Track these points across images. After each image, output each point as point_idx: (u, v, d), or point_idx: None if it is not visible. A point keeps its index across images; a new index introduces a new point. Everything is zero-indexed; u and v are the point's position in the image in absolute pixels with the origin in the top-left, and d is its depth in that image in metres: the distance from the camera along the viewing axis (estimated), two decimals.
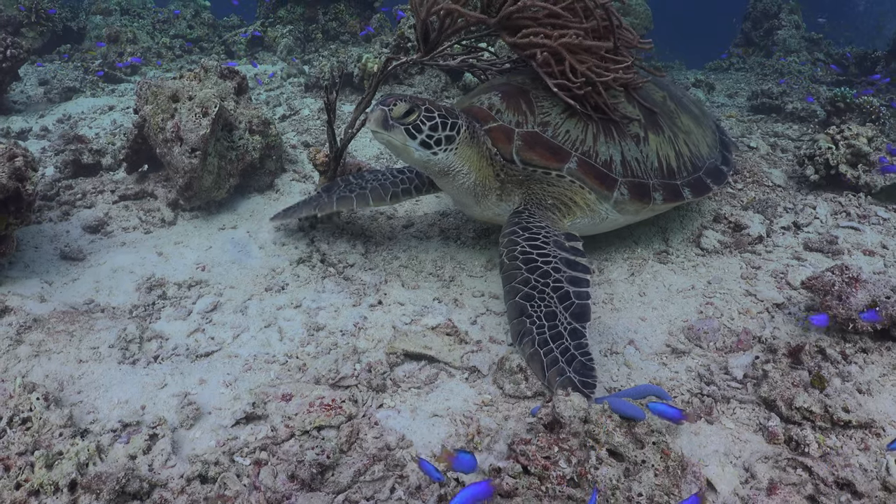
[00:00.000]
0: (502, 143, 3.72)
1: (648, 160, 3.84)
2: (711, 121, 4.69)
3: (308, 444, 2.64)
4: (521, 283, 3.17)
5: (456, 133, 3.53)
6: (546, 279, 3.17)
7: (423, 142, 3.45)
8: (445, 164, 3.59)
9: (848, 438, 2.61)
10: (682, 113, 4.24)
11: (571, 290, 3.14)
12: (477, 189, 3.77)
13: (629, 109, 3.91)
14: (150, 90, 4.90)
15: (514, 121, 3.76)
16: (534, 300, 3.09)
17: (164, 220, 4.95)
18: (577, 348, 2.92)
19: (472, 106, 3.92)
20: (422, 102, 3.47)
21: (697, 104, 4.77)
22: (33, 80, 9.14)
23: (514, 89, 3.90)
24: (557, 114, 3.75)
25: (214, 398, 3.06)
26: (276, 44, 10.75)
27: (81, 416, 2.91)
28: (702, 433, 2.69)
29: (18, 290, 3.92)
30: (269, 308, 3.84)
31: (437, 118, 3.45)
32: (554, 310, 3.06)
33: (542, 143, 3.68)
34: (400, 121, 3.40)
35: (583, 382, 2.77)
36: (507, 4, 3.67)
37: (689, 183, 3.96)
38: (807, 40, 12.24)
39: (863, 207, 4.68)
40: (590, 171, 3.68)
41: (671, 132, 4.02)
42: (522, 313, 3.07)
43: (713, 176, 4.11)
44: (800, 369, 2.91)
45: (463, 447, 2.64)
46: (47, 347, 3.37)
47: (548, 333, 2.97)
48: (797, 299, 3.59)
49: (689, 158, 4.03)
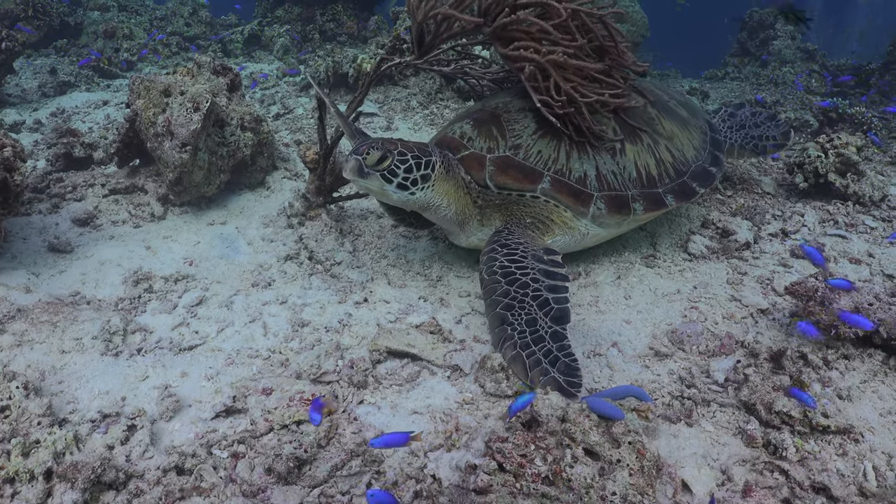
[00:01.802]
0: (475, 170, 3.75)
1: (626, 171, 3.83)
2: (702, 120, 4.64)
3: (286, 439, 2.64)
4: (501, 295, 3.22)
5: (431, 171, 3.56)
6: (525, 289, 3.21)
7: (400, 184, 3.50)
8: (424, 201, 3.62)
9: (826, 444, 2.61)
10: (665, 118, 4.21)
11: (550, 296, 3.18)
12: (458, 218, 3.81)
13: (605, 122, 3.88)
14: (142, 85, 4.90)
15: (485, 147, 3.79)
16: (514, 309, 3.14)
17: (153, 214, 4.94)
18: (559, 350, 2.93)
19: (445, 136, 3.98)
20: (394, 147, 3.49)
21: (687, 104, 4.71)
22: (28, 74, 9.13)
23: (487, 115, 3.94)
24: (529, 135, 3.78)
25: (195, 391, 3.06)
26: (273, 43, 10.76)
27: (61, 406, 2.90)
28: (681, 435, 2.69)
29: (4, 280, 3.91)
30: (255, 304, 3.84)
31: (411, 160, 3.48)
32: (534, 316, 3.09)
33: (514, 165, 3.70)
34: (375, 168, 3.44)
35: (568, 382, 2.78)
36: (501, 15, 3.68)
37: (672, 189, 3.94)
38: (802, 51, 12.29)
39: (851, 216, 4.69)
40: (563, 189, 3.69)
41: (651, 139, 3.99)
42: (503, 322, 3.11)
43: (700, 178, 4.09)
44: (781, 374, 2.92)
45: (441, 443, 2.63)
46: (30, 337, 3.36)
47: (529, 337, 3.00)
48: (782, 305, 3.60)
49: (671, 164, 4.01)
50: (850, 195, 4.84)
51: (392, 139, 3.69)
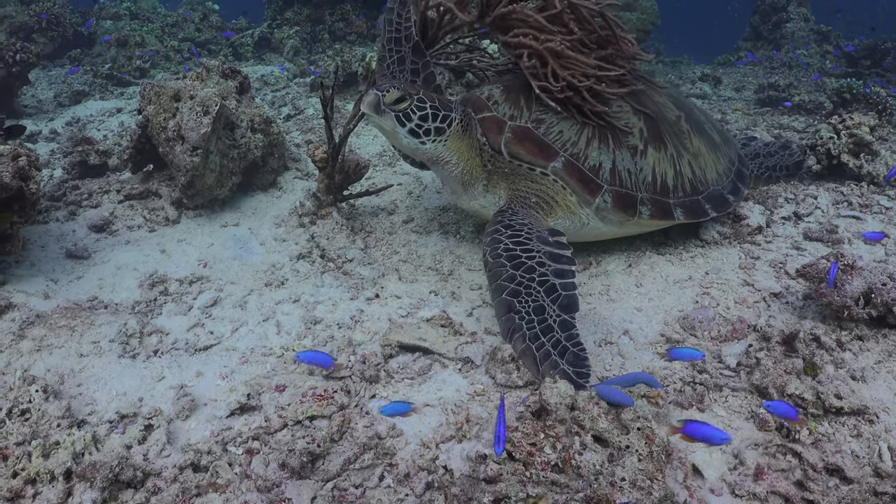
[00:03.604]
0: (493, 133, 3.74)
1: (642, 173, 3.78)
2: (734, 150, 4.51)
3: (299, 434, 2.67)
4: (506, 279, 3.14)
5: (447, 126, 3.61)
6: (531, 274, 3.14)
7: (412, 130, 3.56)
8: (434, 154, 3.68)
9: (840, 425, 2.60)
10: (696, 135, 4.11)
11: (557, 282, 3.12)
12: (464, 178, 3.83)
13: (632, 121, 3.84)
14: (152, 90, 4.97)
15: (508, 114, 3.77)
16: (520, 296, 3.06)
17: (168, 218, 5.00)
18: (568, 339, 2.91)
19: (472, 95, 4.00)
20: (416, 91, 3.55)
21: (722, 132, 4.60)
22: (44, 84, 9.28)
23: (518, 84, 3.91)
24: (554, 113, 3.75)
25: (210, 390, 3.10)
26: (283, 45, 10.83)
27: (80, 408, 2.96)
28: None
29: (23, 287, 3.98)
30: (268, 303, 3.88)
31: (429, 109, 3.53)
32: (542, 304, 3.04)
33: (532, 138, 3.69)
34: (391, 107, 3.50)
35: (577, 373, 2.77)
36: (500, 5, 3.69)
37: (683, 204, 3.86)
38: (816, 33, 12.12)
39: (865, 197, 4.63)
40: (574, 174, 3.66)
41: (675, 151, 3.92)
42: (510, 309, 3.04)
43: (714, 202, 3.99)
44: (793, 357, 2.90)
45: (452, 435, 2.65)
46: (49, 342, 3.43)
47: (538, 328, 2.95)
48: (795, 288, 3.57)
49: (690, 180, 3.93)
50: (863, 176, 4.79)
51: (417, 85, 3.72)
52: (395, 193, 5.34)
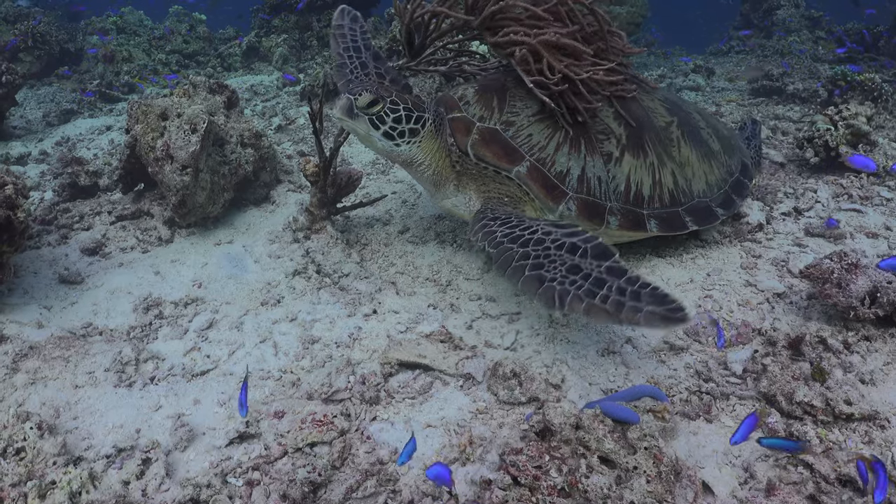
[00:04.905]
0: (460, 134, 3.70)
1: (614, 181, 3.65)
2: (736, 160, 4.26)
3: (300, 462, 2.62)
4: (521, 258, 2.86)
5: (420, 126, 3.63)
6: (543, 244, 2.90)
7: (387, 133, 3.59)
8: (409, 155, 3.71)
9: (851, 432, 2.55)
10: (688, 144, 3.95)
11: (575, 240, 2.88)
12: (434, 178, 3.84)
13: (610, 126, 3.72)
14: (139, 109, 4.90)
15: (478, 115, 3.72)
16: (544, 267, 2.76)
17: (161, 238, 4.94)
18: (631, 283, 2.55)
19: (447, 94, 3.96)
20: (388, 94, 3.56)
21: (727, 140, 4.36)
22: (32, 104, 9.20)
23: (495, 85, 3.85)
24: (527, 116, 3.68)
25: (209, 418, 3.05)
26: (272, 53, 10.75)
27: (76, 443, 2.90)
28: (700, 432, 2.64)
29: (16, 317, 3.93)
30: (265, 323, 3.82)
31: (402, 111, 3.55)
32: (575, 263, 2.74)
33: (499, 141, 3.62)
34: (364, 110, 3.52)
35: (669, 311, 2.38)
36: (489, 4, 3.62)
37: (659, 215, 3.71)
38: (807, 19, 12.05)
39: (865, 188, 4.58)
40: (538, 179, 3.56)
41: (657, 159, 3.77)
42: (542, 281, 2.70)
43: (696, 215, 3.81)
44: (800, 361, 2.84)
45: (456, 457, 2.60)
46: (43, 374, 3.37)
47: (587, 284, 2.59)
48: (798, 287, 3.52)
49: (669, 190, 3.77)
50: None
51: (389, 87, 3.71)
52: (390, 203, 5.28)
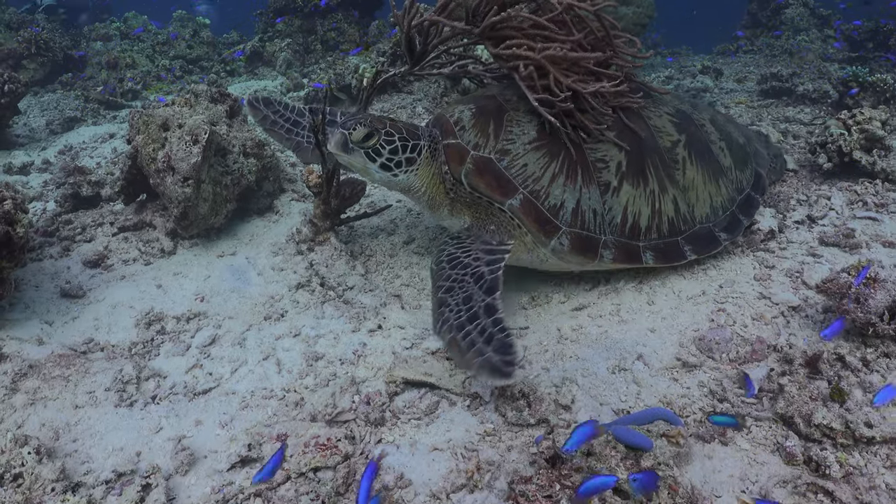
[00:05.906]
0: (454, 162, 3.63)
1: (610, 213, 3.57)
2: (749, 171, 4.13)
3: (304, 488, 2.55)
4: (444, 279, 3.19)
5: (417, 154, 3.62)
6: (465, 269, 3.21)
7: (384, 164, 3.58)
8: (407, 184, 3.70)
9: (872, 455, 2.46)
10: (694, 164, 3.82)
11: (486, 269, 3.17)
12: (430, 203, 3.82)
13: (610, 153, 3.62)
14: (141, 119, 4.84)
15: (473, 142, 3.63)
16: (454, 291, 3.10)
17: (163, 249, 4.88)
18: (494, 325, 2.82)
19: (443, 115, 3.87)
20: (382, 125, 3.53)
21: (742, 149, 4.21)
22: (36, 112, 9.17)
23: (492, 106, 3.75)
24: (523, 143, 3.58)
25: (210, 440, 2.98)
26: (275, 58, 10.70)
27: (75, 468, 2.84)
28: (715, 456, 2.55)
29: (17, 333, 3.87)
30: (268, 338, 3.75)
31: (398, 141, 3.53)
32: (470, 293, 3.05)
33: (493, 171, 3.53)
34: (360, 144, 3.49)
35: (503, 362, 2.62)
36: (489, 14, 3.54)
37: (656, 247, 3.64)
38: (816, 17, 11.91)
39: (880, 195, 4.47)
40: (531, 213, 3.48)
41: (658, 185, 3.67)
42: (442, 304, 3.05)
43: (697, 243, 3.73)
44: (818, 380, 2.75)
45: (464, 483, 2.52)
46: (43, 395, 3.31)
47: (465, 316, 2.91)
48: (814, 300, 3.42)
49: (669, 219, 3.68)
50: (877, 172, 4.62)
51: (382, 117, 3.67)
52: (395, 212, 5.21)
